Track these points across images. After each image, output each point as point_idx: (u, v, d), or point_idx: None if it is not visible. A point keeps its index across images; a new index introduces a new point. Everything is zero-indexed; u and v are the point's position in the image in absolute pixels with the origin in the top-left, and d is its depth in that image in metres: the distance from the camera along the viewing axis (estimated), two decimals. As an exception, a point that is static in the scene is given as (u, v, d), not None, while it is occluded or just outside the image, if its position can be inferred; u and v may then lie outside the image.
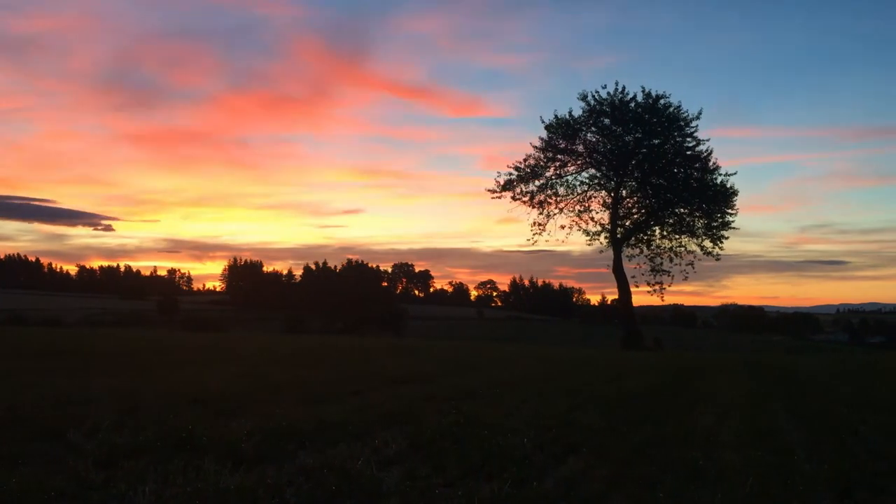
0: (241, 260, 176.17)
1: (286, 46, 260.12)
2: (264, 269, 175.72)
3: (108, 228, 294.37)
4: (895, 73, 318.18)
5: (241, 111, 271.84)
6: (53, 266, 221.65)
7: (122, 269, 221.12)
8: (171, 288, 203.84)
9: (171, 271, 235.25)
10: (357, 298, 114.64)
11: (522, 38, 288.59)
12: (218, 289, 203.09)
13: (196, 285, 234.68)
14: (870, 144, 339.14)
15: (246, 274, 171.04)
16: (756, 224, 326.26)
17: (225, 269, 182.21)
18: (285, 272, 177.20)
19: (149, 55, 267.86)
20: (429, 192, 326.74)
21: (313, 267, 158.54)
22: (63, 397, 10.01)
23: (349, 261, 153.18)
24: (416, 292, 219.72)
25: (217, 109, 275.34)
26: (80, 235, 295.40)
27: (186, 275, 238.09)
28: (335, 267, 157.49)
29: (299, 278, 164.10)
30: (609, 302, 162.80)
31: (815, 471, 7.39)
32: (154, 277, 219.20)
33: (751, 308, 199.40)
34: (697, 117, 51.11)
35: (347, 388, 12.89)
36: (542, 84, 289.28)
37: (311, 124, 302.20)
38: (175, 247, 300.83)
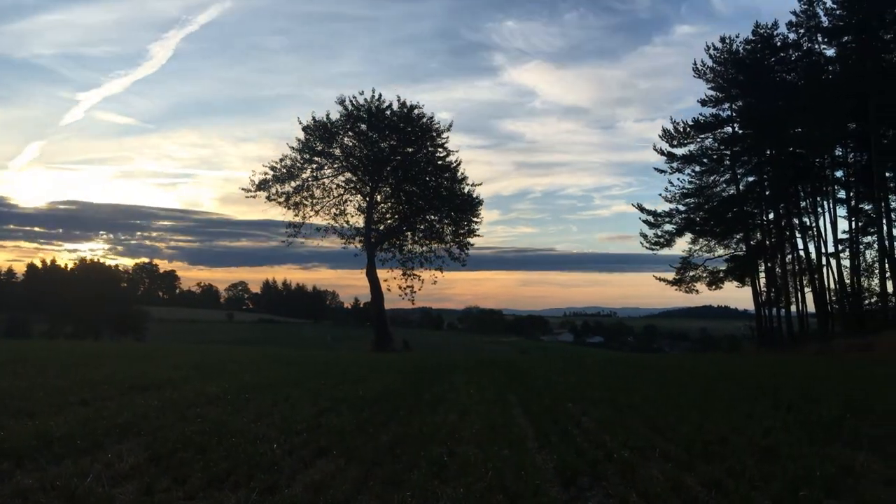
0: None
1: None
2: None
3: None
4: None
5: None
6: None
7: None
8: None
9: None
10: (90, 299, 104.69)
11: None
12: None
13: None
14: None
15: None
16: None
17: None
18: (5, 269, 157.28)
19: None
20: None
21: (39, 265, 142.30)
22: None
23: (82, 259, 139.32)
24: (161, 294, 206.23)
25: None
26: None
27: None
28: (66, 265, 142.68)
29: (21, 276, 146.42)
30: (362, 305, 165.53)
31: (545, 461, 8.09)
32: None
33: (491, 312, 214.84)
34: (448, 129, 53.91)
35: (75, 397, 11.82)
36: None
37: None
38: None
